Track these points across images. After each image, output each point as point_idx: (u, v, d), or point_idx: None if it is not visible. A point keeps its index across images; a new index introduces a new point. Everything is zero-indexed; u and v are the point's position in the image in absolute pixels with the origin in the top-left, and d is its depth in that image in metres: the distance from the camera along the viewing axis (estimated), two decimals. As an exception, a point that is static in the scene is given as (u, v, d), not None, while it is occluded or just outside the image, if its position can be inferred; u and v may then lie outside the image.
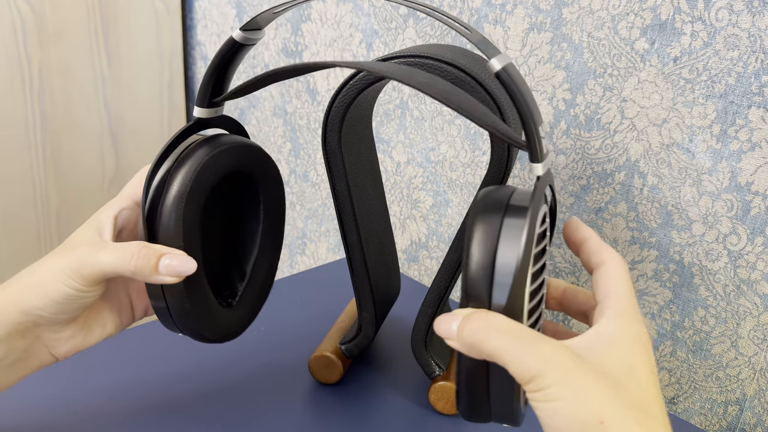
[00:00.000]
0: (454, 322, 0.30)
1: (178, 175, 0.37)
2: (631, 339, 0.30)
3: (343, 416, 0.47)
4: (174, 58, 0.99)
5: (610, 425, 0.27)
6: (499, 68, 0.30)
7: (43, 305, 0.36)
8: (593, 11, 0.53)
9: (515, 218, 0.30)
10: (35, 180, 0.90)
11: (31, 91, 0.86)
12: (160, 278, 0.36)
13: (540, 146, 0.30)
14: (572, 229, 0.35)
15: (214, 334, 0.40)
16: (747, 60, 0.46)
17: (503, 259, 0.30)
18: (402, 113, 0.71)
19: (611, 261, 0.33)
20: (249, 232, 0.44)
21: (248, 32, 0.36)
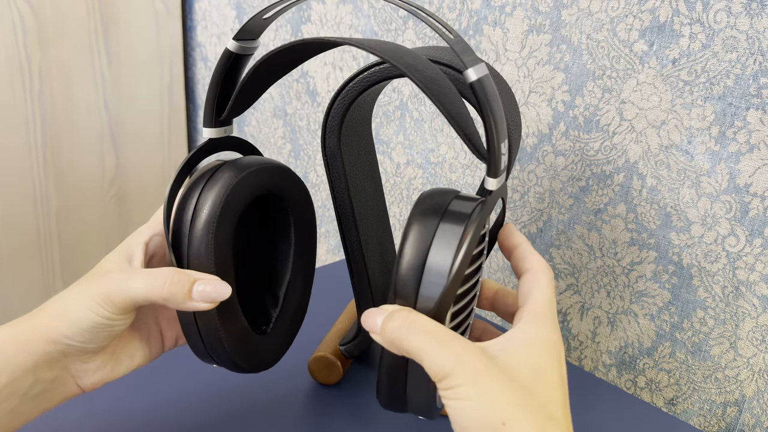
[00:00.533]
0: (380, 317, 0.31)
1: (207, 198, 0.36)
2: (543, 344, 0.31)
3: (343, 417, 0.47)
4: (174, 59, 0.99)
5: (511, 427, 0.28)
6: (474, 79, 0.30)
7: (72, 334, 0.34)
8: (592, 13, 0.53)
9: (452, 224, 0.31)
10: (35, 180, 0.90)
11: (31, 92, 0.86)
12: (194, 305, 0.34)
13: (497, 162, 0.31)
14: (505, 235, 0.36)
15: (249, 363, 0.39)
16: (745, 62, 0.46)
17: (433, 262, 0.31)
18: (402, 114, 0.71)
19: (536, 268, 0.34)
20: (281, 256, 0.43)
21: (243, 42, 0.35)
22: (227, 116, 0.38)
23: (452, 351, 0.29)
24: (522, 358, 0.30)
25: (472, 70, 0.30)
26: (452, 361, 0.29)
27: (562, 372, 0.31)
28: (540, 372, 0.30)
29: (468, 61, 0.30)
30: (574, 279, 0.60)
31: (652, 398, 0.57)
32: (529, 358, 0.30)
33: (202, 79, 1.01)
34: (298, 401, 0.48)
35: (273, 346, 0.41)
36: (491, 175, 0.32)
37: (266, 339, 0.41)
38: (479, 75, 0.30)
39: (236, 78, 0.37)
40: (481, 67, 0.30)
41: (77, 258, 0.97)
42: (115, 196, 0.99)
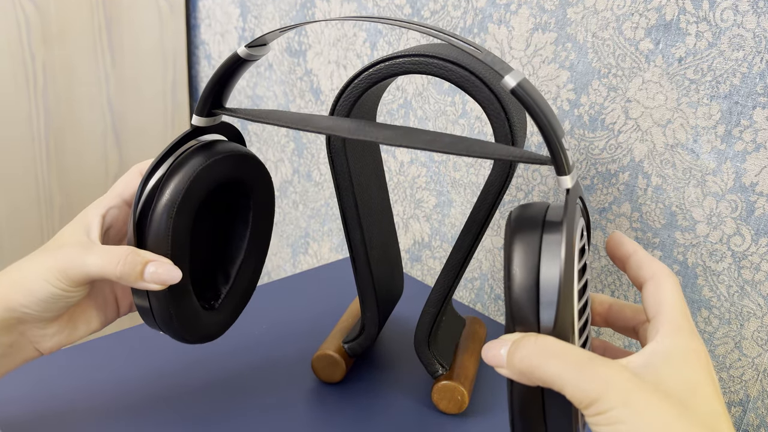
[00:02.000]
0: (503, 348, 0.29)
1: (170, 184, 0.37)
2: (689, 355, 0.29)
3: (346, 415, 0.47)
4: (177, 57, 0.99)
5: None
6: (514, 85, 0.29)
7: (29, 303, 0.36)
8: (598, 11, 0.53)
9: (553, 234, 0.29)
10: (38, 178, 0.90)
11: (35, 90, 0.86)
12: (145, 285, 0.36)
13: (566, 158, 0.30)
14: (616, 243, 0.34)
15: (193, 337, 0.41)
16: (752, 61, 0.46)
17: (547, 278, 0.29)
18: (405, 113, 0.71)
19: (661, 274, 0.32)
20: (237, 237, 0.44)
21: (253, 48, 0.36)
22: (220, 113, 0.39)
23: (596, 373, 0.27)
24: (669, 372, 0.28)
25: (509, 77, 0.29)
26: (598, 384, 0.26)
27: (715, 383, 0.29)
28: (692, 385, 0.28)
29: (502, 69, 0.30)
30: (578, 278, 0.60)
31: (656, 398, 0.57)
32: (677, 372, 0.28)
33: (205, 77, 1.01)
34: (301, 399, 0.48)
35: (219, 321, 0.43)
36: (562, 173, 0.30)
37: (213, 314, 0.42)
38: (518, 80, 0.29)
39: (236, 78, 0.38)
40: (516, 73, 0.30)
41: (80, 256, 0.97)
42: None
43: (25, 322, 0.37)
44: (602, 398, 0.26)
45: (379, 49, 0.72)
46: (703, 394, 0.28)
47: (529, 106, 0.29)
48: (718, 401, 0.29)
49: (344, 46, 0.76)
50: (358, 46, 0.74)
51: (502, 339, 0.30)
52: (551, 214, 0.30)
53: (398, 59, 0.41)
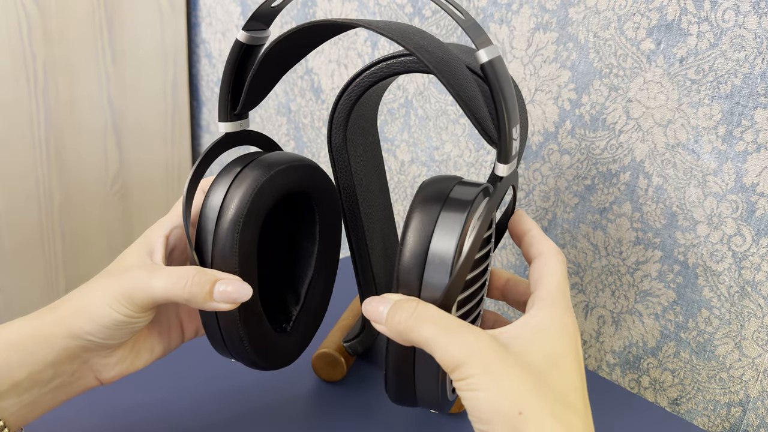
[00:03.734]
0: (384, 306, 0.31)
1: (234, 197, 0.35)
2: (558, 329, 0.30)
3: (347, 414, 0.47)
4: (178, 55, 0.99)
5: (527, 416, 0.27)
6: (485, 61, 0.29)
7: (94, 330, 0.34)
8: (599, 11, 0.53)
9: (454, 211, 0.31)
10: (38, 176, 0.90)
11: (36, 88, 0.86)
12: (215, 305, 0.34)
13: (509, 147, 0.30)
14: (516, 221, 0.35)
15: (267, 362, 0.39)
16: (753, 61, 0.46)
17: (436, 250, 0.30)
18: (406, 112, 0.71)
19: (547, 252, 0.33)
20: (304, 254, 0.42)
21: (253, 32, 0.35)
22: (242, 109, 0.37)
23: (464, 340, 0.28)
24: (536, 344, 0.30)
25: (483, 52, 0.29)
26: (464, 351, 0.28)
27: (579, 357, 0.31)
28: (555, 358, 0.30)
29: (479, 42, 0.29)
30: (578, 278, 0.60)
31: (656, 398, 0.57)
32: (543, 345, 0.30)
33: (206, 75, 1.01)
34: (301, 398, 0.48)
35: (292, 344, 0.41)
36: (502, 161, 0.31)
37: (286, 337, 0.41)
38: (491, 56, 0.29)
39: (249, 70, 0.36)
40: (493, 49, 0.29)
41: (80, 254, 0.97)
42: (118, 193, 0.99)
43: (88, 350, 0.36)
44: (466, 364, 0.28)
45: (380, 48, 0.72)
46: (563, 367, 0.30)
47: (492, 86, 0.29)
48: (578, 376, 0.30)
49: (345, 45, 0.76)
50: (359, 45, 0.74)
51: (384, 297, 0.31)
52: (457, 191, 0.32)
53: (400, 58, 0.41)
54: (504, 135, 0.30)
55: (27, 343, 0.34)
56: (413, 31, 0.32)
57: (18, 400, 0.35)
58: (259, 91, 0.37)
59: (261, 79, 0.36)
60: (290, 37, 0.33)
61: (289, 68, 0.37)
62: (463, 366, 0.28)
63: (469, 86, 0.31)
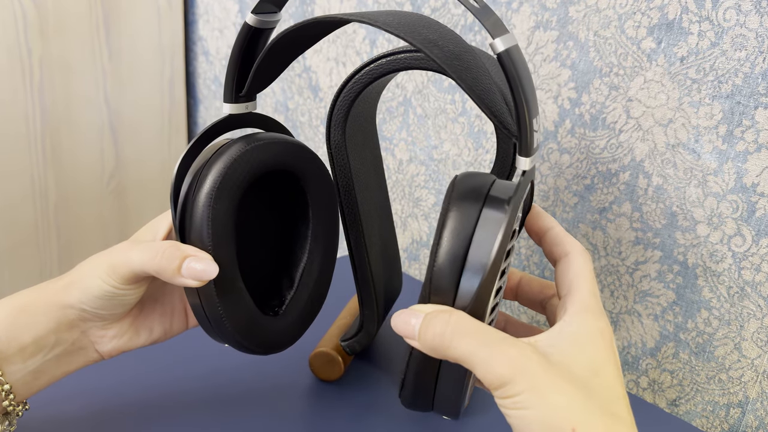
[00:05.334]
0: (415, 319, 0.29)
1: (209, 172, 0.35)
2: (595, 335, 0.29)
3: (344, 413, 0.47)
4: (175, 53, 0.98)
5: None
6: (502, 50, 0.28)
7: (86, 300, 0.36)
8: (600, 10, 0.53)
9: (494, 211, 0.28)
10: (34, 174, 0.89)
11: (32, 85, 0.86)
12: (183, 280, 0.34)
13: (531, 139, 0.29)
14: (534, 218, 0.34)
15: (255, 344, 0.38)
16: (754, 60, 0.46)
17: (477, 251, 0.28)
18: (405, 111, 0.71)
19: (574, 252, 0.31)
20: (298, 237, 0.42)
21: (262, 15, 0.34)
22: (248, 91, 0.37)
23: (507, 355, 0.27)
24: (576, 354, 0.28)
25: (499, 41, 0.28)
26: (509, 368, 0.27)
27: (617, 363, 0.30)
28: (596, 367, 0.28)
29: (495, 31, 0.28)
30: (577, 278, 0.59)
31: (655, 399, 0.57)
32: (583, 354, 0.28)
33: (203, 73, 1.01)
34: (298, 397, 0.48)
35: (285, 328, 0.40)
36: (524, 154, 0.29)
37: (277, 321, 0.40)
38: (507, 45, 0.28)
39: (257, 53, 0.36)
40: (509, 38, 0.28)
41: (75, 252, 0.96)
42: (114, 191, 0.98)
43: (85, 320, 0.37)
44: (512, 382, 0.27)
45: (379, 47, 0.71)
46: (606, 376, 0.28)
47: (510, 77, 0.28)
48: (619, 383, 0.29)
49: (343, 43, 0.75)
50: (357, 43, 0.74)
51: (414, 309, 0.29)
52: (496, 189, 0.30)
53: (399, 55, 0.40)
54: (524, 127, 0.28)
55: (32, 308, 0.36)
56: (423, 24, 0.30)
57: (23, 366, 0.36)
58: (267, 76, 0.37)
59: (269, 64, 0.36)
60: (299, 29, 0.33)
61: (298, 55, 0.37)
62: (510, 384, 0.27)
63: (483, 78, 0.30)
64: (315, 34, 0.35)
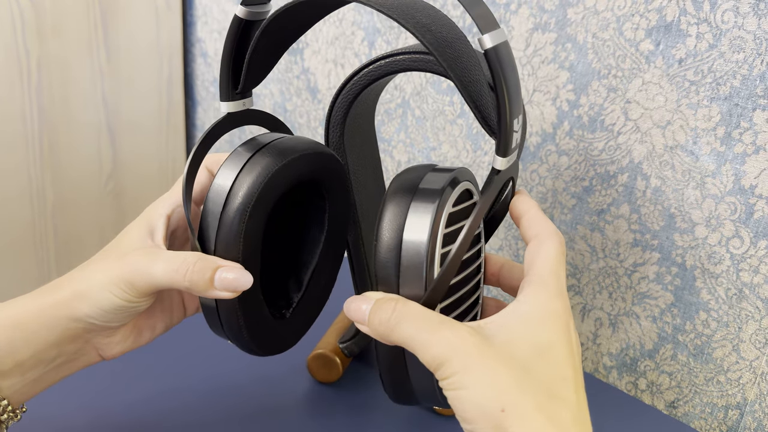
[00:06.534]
0: (365, 305, 0.30)
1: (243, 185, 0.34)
2: (546, 316, 0.29)
3: (343, 415, 0.47)
4: (173, 54, 0.98)
5: (510, 412, 0.26)
6: (489, 47, 0.27)
7: (95, 314, 0.35)
8: (598, 12, 0.53)
9: (424, 201, 0.30)
10: (31, 174, 0.89)
11: (29, 85, 0.86)
12: (216, 293, 0.33)
13: (509, 139, 0.29)
14: (515, 202, 0.34)
15: (264, 348, 0.38)
16: (752, 62, 0.46)
17: (410, 243, 0.29)
18: (403, 112, 0.71)
19: (543, 234, 0.31)
20: (311, 241, 0.41)
21: (252, 6, 0.33)
22: (243, 88, 0.36)
23: (442, 337, 0.27)
24: (522, 333, 0.28)
25: (488, 36, 0.27)
26: (443, 348, 0.27)
27: (571, 345, 0.29)
28: (542, 347, 0.28)
29: (485, 26, 0.27)
30: (575, 280, 0.59)
31: (653, 401, 0.57)
32: (529, 333, 0.28)
33: (201, 75, 1.01)
34: (297, 399, 0.48)
35: (290, 331, 0.40)
36: (500, 154, 0.29)
37: (284, 324, 0.40)
38: (496, 42, 0.27)
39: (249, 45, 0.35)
40: (498, 34, 0.28)
41: (72, 253, 0.96)
42: (112, 192, 0.98)
43: (90, 332, 0.36)
44: (447, 363, 0.27)
45: (377, 48, 0.71)
46: (552, 357, 0.28)
47: (494, 74, 0.28)
48: (569, 365, 0.28)
49: (342, 45, 0.75)
50: (356, 44, 0.74)
51: (365, 296, 0.30)
52: (428, 180, 0.31)
53: (398, 56, 0.40)
54: (504, 126, 0.28)
55: (30, 324, 0.34)
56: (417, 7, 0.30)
57: (21, 379, 0.35)
58: (261, 68, 0.36)
59: (261, 55, 0.35)
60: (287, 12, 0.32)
61: (290, 44, 0.36)
62: (444, 365, 0.27)
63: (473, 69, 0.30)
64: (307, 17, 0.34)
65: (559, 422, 0.27)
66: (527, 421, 0.26)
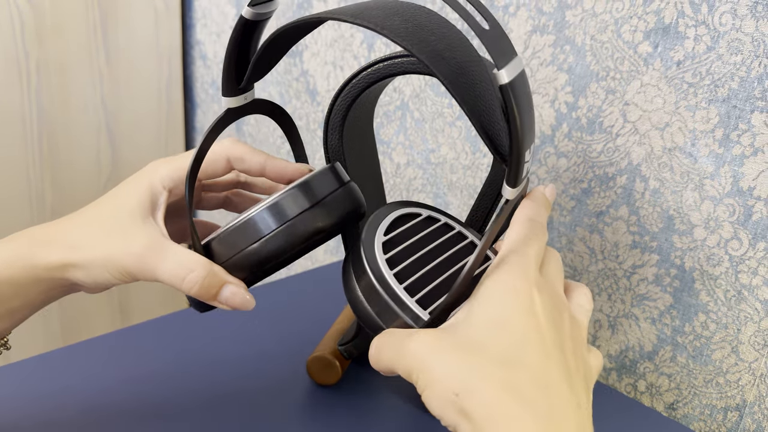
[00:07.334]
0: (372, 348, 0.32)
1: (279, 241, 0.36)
2: (506, 293, 0.29)
3: (342, 418, 0.47)
4: (173, 56, 0.98)
5: (463, 394, 0.27)
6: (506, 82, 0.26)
7: (89, 283, 0.37)
8: (596, 14, 0.53)
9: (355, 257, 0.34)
10: (30, 177, 0.89)
11: (29, 88, 0.86)
12: (215, 304, 0.36)
13: (520, 169, 0.28)
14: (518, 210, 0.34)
15: None
16: (750, 64, 0.46)
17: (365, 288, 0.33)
18: (402, 114, 0.71)
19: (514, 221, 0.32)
20: None
21: (258, 6, 0.34)
22: (247, 83, 0.37)
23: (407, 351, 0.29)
24: (480, 314, 0.28)
25: (504, 72, 0.26)
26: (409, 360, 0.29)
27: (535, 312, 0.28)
28: (499, 322, 0.28)
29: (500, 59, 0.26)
30: (574, 281, 0.59)
31: (653, 402, 0.57)
32: (487, 312, 0.28)
33: (200, 77, 1.01)
34: (296, 401, 0.48)
35: None
36: (511, 184, 0.29)
37: None
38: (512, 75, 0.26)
39: (252, 44, 0.36)
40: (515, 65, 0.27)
41: (72, 256, 0.96)
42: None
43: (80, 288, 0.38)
44: (413, 372, 0.29)
45: (377, 51, 0.72)
46: (510, 327, 0.28)
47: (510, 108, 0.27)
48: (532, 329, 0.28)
49: (341, 47, 0.76)
50: (355, 47, 0.74)
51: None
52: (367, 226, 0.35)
53: (397, 59, 0.41)
54: (515, 157, 0.28)
55: (20, 280, 0.36)
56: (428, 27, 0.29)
57: (10, 320, 0.37)
58: (265, 67, 0.37)
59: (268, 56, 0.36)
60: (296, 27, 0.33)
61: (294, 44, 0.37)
62: (412, 374, 0.29)
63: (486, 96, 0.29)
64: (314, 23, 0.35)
65: (513, 386, 0.26)
66: (479, 394, 0.26)
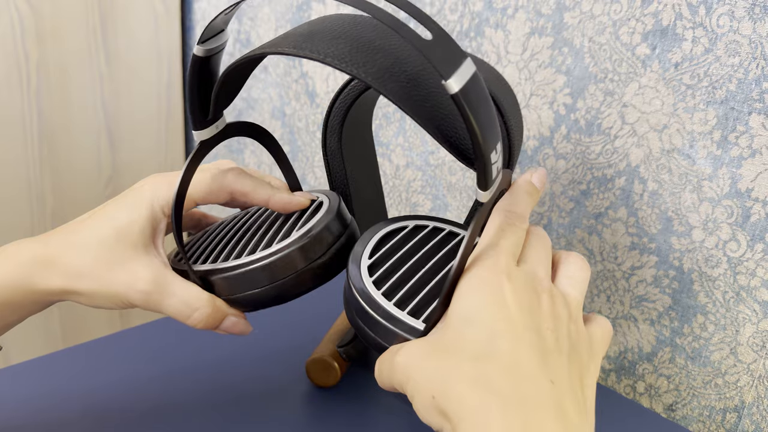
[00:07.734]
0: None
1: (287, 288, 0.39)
2: (475, 287, 0.29)
3: (341, 420, 0.47)
4: (172, 58, 0.98)
5: (438, 395, 0.27)
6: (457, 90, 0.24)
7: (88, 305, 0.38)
8: (594, 16, 0.53)
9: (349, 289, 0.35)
10: (30, 179, 0.89)
11: (29, 90, 0.86)
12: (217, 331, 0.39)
13: (488, 172, 0.28)
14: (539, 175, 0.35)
15: None
16: (748, 66, 0.46)
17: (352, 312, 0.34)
18: (402, 116, 0.71)
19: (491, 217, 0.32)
20: None
21: (206, 43, 0.34)
22: (214, 115, 0.37)
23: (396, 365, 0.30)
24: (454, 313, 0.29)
25: (453, 81, 0.24)
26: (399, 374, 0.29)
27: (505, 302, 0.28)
28: (469, 317, 0.28)
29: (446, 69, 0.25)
30: (573, 283, 0.59)
31: (652, 404, 0.57)
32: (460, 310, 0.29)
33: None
34: (295, 403, 0.48)
35: None
36: (482, 188, 0.29)
37: None
38: (462, 83, 0.25)
39: (212, 77, 0.36)
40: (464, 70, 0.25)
41: (72, 258, 0.96)
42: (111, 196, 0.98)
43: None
44: (402, 385, 0.29)
45: (376, 53, 0.72)
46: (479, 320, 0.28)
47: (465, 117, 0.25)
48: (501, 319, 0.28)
49: (340, 49, 0.76)
50: (354, 49, 0.74)
51: None
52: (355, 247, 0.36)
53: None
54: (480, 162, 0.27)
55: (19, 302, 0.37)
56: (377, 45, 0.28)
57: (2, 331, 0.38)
58: (226, 99, 0.37)
59: (228, 87, 0.36)
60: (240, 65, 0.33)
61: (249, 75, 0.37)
62: (403, 387, 0.29)
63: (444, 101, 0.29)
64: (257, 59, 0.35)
65: (483, 380, 0.26)
66: (453, 392, 0.27)
